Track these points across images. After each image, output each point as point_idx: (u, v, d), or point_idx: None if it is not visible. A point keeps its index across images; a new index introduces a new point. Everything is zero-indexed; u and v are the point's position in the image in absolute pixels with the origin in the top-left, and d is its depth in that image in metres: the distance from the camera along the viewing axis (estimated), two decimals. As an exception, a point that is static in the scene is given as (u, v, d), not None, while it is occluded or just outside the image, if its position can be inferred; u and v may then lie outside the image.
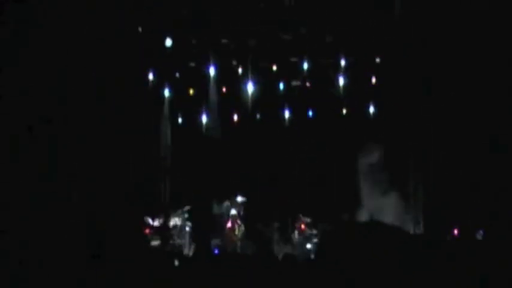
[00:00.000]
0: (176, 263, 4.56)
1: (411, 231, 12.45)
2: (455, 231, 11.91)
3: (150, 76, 14.61)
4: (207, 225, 13.84)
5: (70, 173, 10.90)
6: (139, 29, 13.07)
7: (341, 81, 14.49)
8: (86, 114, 11.44)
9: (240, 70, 14.77)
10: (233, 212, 13.62)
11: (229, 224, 13.47)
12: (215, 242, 13.27)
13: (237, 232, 13.40)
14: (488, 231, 10.88)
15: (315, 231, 13.36)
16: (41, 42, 10.29)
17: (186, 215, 13.64)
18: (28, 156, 9.78)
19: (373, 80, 14.29)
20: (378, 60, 13.96)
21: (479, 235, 11.14)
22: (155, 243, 13.18)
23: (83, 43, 11.20)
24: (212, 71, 14.34)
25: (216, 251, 12.14)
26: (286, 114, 15.19)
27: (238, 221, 13.49)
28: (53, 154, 10.44)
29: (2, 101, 9.47)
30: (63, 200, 10.28)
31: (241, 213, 13.59)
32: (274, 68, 14.11)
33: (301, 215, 13.63)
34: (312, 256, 12.33)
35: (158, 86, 14.95)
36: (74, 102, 11.45)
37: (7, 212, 8.37)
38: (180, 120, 15.26)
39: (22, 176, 9.43)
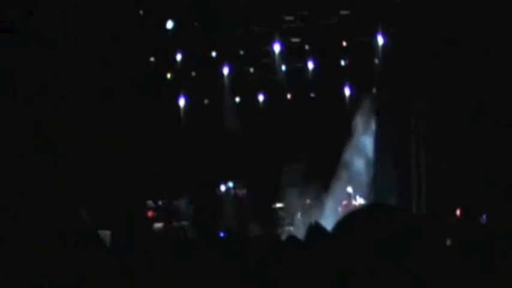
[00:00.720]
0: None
1: (413, 211, 12.45)
2: (458, 212, 11.92)
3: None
4: (209, 208, 13.91)
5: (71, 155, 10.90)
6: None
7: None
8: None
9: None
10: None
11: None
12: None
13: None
14: (491, 216, 10.86)
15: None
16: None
17: (189, 198, 13.69)
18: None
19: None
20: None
21: (482, 220, 11.14)
22: (158, 225, 13.24)
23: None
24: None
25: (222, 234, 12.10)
26: (288, 96, 15.30)
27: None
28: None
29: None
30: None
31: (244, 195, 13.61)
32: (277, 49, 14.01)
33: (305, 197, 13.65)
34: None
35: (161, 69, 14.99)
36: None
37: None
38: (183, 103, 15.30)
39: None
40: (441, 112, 12.45)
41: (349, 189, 13.12)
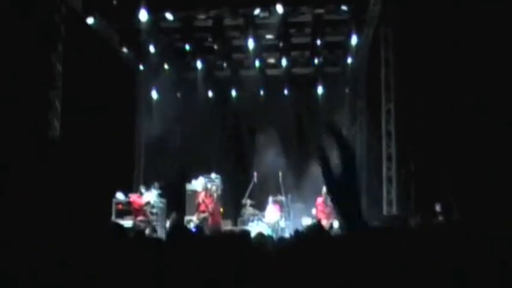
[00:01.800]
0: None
1: (384, 212, 12.58)
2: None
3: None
4: (180, 202, 13.78)
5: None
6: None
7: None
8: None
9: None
10: (209, 186, 13.53)
11: (206, 200, 13.33)
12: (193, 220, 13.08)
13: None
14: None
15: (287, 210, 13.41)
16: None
17: (159, 191, 13.49)
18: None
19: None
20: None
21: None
22: (127, 220, 13.01)
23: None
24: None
25: (194, 230, 12.00)
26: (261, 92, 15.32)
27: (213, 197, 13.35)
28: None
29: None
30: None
31: (217, 190, 13.47)
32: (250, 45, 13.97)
33: (273, 195, 13.60)
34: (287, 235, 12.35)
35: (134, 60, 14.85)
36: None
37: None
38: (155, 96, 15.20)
39: None
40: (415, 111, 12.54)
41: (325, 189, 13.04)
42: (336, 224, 12.10)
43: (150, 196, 13.38)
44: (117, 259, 2.86)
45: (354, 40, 13.37)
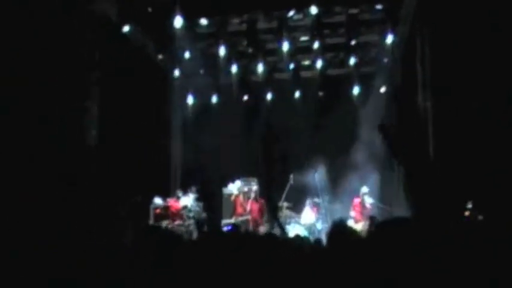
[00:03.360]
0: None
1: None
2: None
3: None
4: (216, 205, 13.81)
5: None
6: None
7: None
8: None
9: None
10: (245, 189, 13.54)
11: (244, 204, 13.35)
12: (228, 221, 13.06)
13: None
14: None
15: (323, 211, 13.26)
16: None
17: (196, 195, 13.56)
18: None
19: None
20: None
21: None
22: (165, 223, 13.11)
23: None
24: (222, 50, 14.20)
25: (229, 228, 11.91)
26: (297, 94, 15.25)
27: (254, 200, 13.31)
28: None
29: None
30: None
31: (254, 193, 13.44)
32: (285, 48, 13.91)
33: (310, 196, 13.49)
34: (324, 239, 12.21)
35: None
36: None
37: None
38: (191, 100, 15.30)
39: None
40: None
41: (365, 189, 12.92)
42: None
43: (187, 200, 13.42)
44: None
45: (389, 39, 13.19)
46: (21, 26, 9.45)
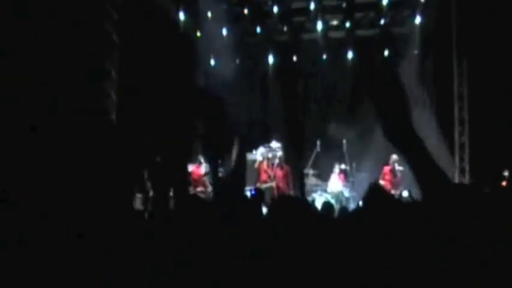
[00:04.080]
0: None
1: (456, 181, 11.77)
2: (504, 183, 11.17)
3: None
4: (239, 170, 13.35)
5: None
6: None
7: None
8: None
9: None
10: (270, 155, 13.04)
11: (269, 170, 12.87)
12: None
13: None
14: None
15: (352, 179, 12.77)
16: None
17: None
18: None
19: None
20: None
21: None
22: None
23: None
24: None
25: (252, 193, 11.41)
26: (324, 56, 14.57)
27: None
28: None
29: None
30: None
31: (279, 159, 12.91)
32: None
33: (338, 163, 12.96)
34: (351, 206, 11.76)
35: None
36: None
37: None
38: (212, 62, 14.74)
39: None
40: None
41: (395, 156, 12.36)
42: (405, 193, 11.45)
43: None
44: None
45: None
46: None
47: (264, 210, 3.36)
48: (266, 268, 2.45)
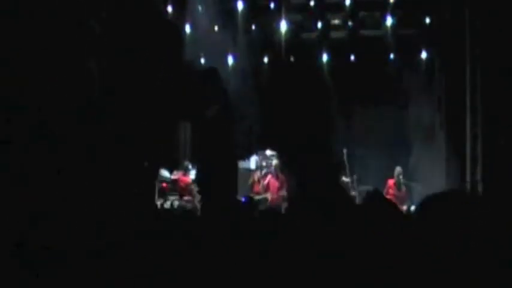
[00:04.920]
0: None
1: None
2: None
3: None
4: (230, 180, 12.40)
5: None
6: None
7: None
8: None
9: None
10: (263, 164, 12.10)
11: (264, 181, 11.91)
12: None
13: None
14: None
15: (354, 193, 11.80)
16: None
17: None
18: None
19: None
20: None
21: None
22: (173, 198, 11.84)
23: None
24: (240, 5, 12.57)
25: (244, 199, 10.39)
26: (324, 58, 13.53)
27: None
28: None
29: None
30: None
31: (274, 168, 11.94)
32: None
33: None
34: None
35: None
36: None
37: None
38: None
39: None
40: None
41: (399, 169, 11.48)
42: (413, 209, 10.60)
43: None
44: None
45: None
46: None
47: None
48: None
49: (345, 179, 11.83)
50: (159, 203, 11.39)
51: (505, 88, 10.34)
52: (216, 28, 13.37)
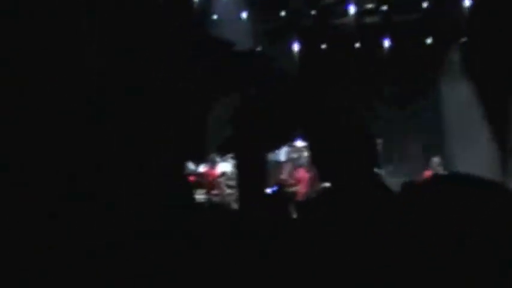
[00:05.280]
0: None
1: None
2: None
3: None
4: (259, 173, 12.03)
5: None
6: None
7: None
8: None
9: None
10: (294, 156, 11.73)
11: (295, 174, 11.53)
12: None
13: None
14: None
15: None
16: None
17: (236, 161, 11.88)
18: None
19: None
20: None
21: None
22: (200, 192, 11.53)
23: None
24: None
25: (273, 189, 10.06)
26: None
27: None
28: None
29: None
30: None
31: (304, 160, 11.55)
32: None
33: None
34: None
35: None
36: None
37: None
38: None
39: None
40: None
41: (436, 160, 10.99)
42: None
43: (226, 166, 11.91)
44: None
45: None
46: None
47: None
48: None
49: (377, 170, 11.35)
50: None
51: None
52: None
